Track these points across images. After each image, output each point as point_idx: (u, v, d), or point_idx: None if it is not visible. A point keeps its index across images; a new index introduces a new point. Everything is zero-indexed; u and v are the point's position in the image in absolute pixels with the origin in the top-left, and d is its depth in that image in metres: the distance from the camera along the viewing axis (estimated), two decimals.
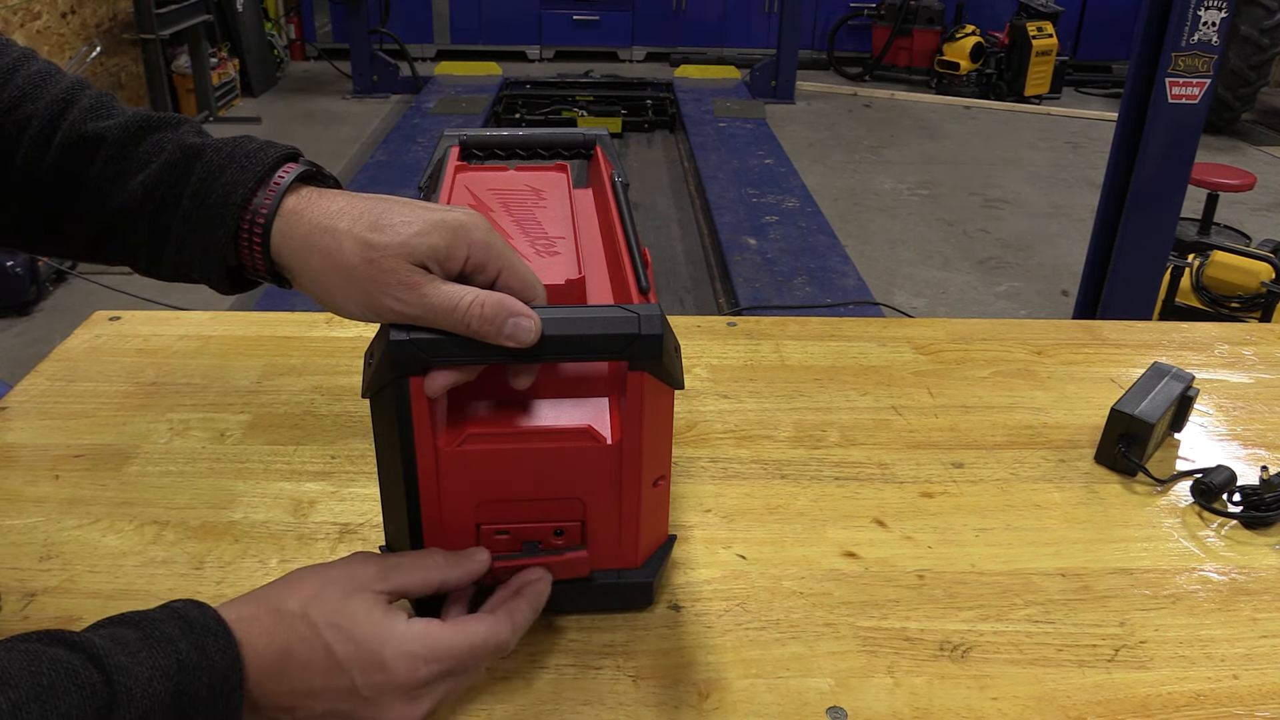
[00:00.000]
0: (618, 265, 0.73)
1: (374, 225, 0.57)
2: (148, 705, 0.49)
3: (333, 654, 0.56)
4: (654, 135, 6.07)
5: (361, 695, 0.57)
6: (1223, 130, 6.44)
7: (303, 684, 0.56)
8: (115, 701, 0.48)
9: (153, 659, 0.51)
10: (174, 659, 0.51)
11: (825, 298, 3.23)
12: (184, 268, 0.63)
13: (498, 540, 0.67)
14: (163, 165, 0.62)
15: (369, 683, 0.57)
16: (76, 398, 0.97)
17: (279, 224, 0.59)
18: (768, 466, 0.91)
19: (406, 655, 0.57)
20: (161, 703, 0.50)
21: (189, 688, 0.51)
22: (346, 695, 0.57)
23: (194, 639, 0.53)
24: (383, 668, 0.57)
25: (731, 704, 0.65)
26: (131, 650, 0.50)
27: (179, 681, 0.51)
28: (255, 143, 0.63)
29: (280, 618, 0.56)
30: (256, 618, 0.56)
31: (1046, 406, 1.02)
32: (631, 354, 0.60)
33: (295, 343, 1.08)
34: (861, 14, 7.91)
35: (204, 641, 0.53)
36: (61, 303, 3.72)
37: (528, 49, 8.08)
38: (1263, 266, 3.18)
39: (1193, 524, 0.86)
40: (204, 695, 0.51)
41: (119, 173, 0.62)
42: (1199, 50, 2.67)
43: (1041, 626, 0.73)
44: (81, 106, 0.65)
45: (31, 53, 0.68)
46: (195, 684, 0.51)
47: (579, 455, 0.64)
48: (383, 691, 0.57)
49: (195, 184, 0.61)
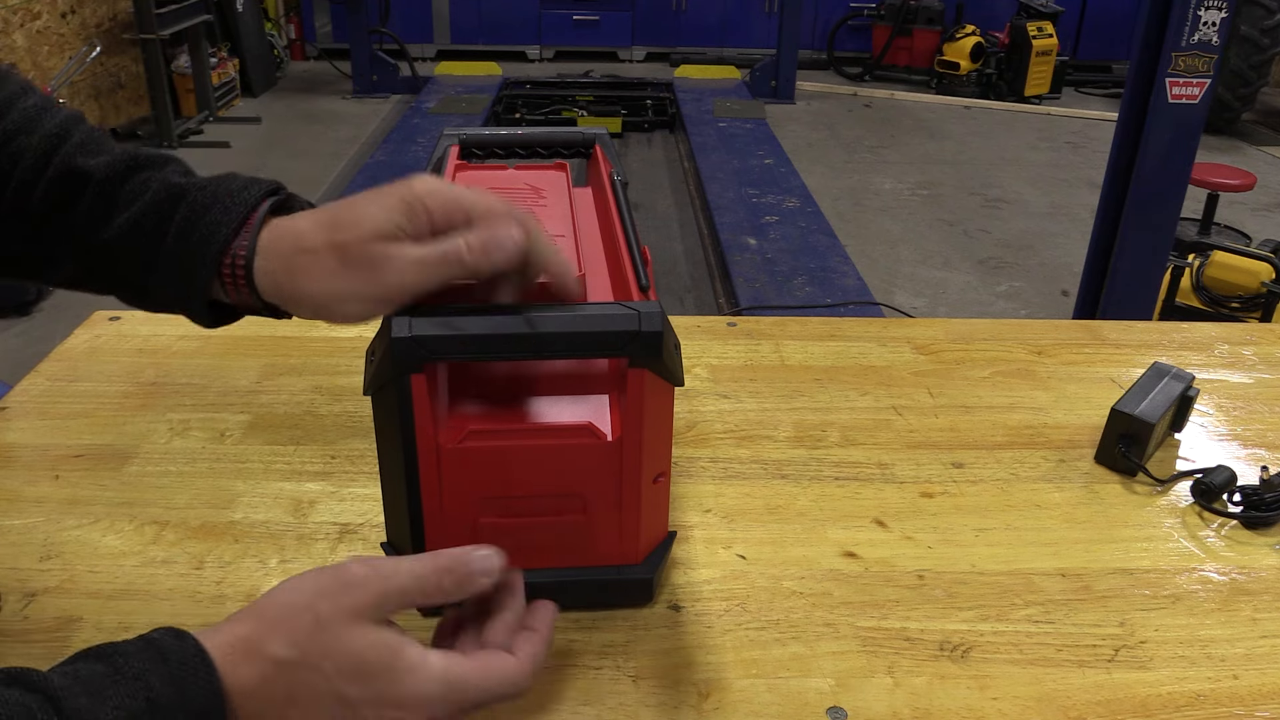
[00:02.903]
0: (617, 263, 0.73)
1: (335, 226, 0.58)
2: None
3: (345, 698, 0.52)
4: (654, 135, 6.08)
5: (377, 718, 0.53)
6: (1223, 130, 6.44)
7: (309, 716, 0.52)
8: None
9: (119, 698, 0.46)
10: (143, 698, 0.47)
11: (825, 298, 3.23)
12: (170, 305, 0.64)
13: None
14: (147, 204, 0.62)
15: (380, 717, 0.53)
16: (76, 398, 0.97)
17: (259, 263, 0.60)
18: (768, 466, 0.91)
19: (425, 696, 0.53)
20: None
21: None
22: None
23: (169, 673, 0.48)
24: (400, 707, 0.53)
25: (731, 704, 0.65)
26: (95, 689, 0.46)
27: None
28: (238, 181, 0.63)
29: (280, 668, 0.51)
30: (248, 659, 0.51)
31: (1046, 406, 1.02)
32: (632, 351, 0.61)
33: (295, 343, 1.08)
34: (861, 14, 7.91)
35: (180, 676, 0.48)
36: (61, 303, 3.72)
37: (528, 49, 8.08)
38: (1263, 266, 3.18)
39: (1193, 524, 0.86)
40: None
41: (106, 210, 0.63)
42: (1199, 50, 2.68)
43: (1041, 626, 0.73)
44: (73, 142, 0.65)
45: (29, 85, 0.68)
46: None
47: (579, 452, 0.65)
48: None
49: (179, 224, 0.61)
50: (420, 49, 7.82)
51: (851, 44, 8.01)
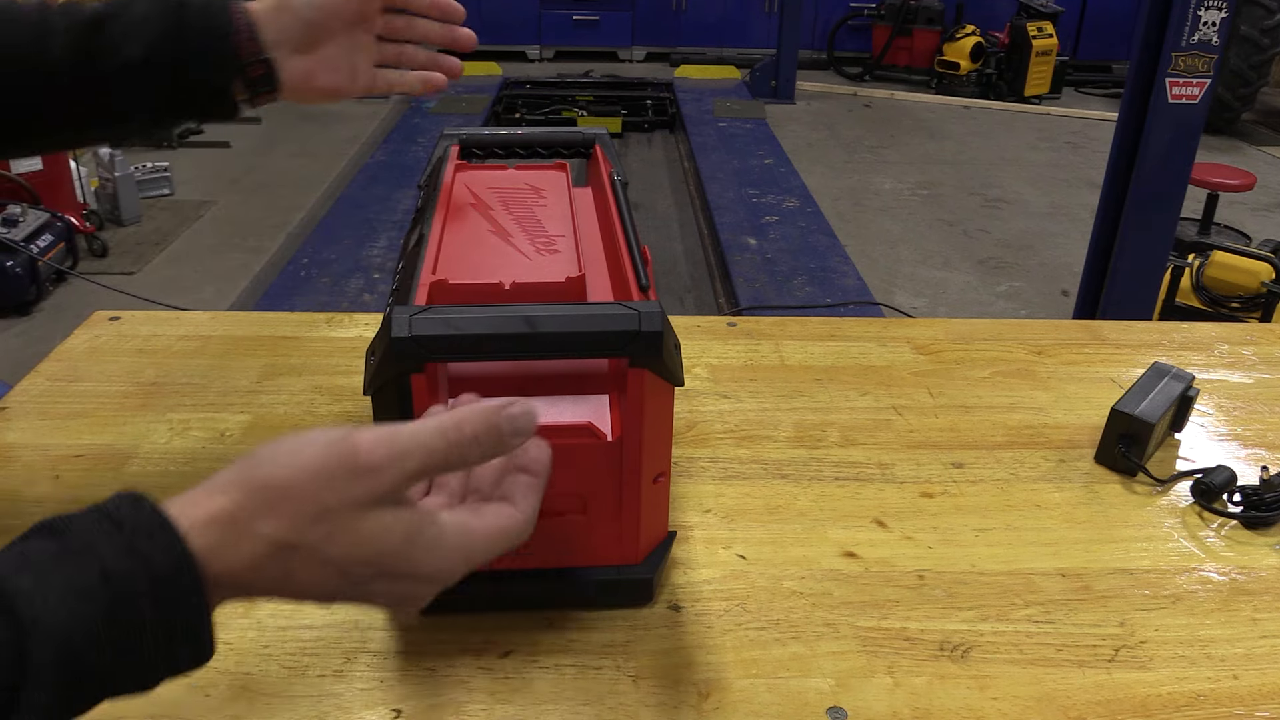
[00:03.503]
0: (617, 263, 0.73)
1: None
2: (64, 633, 0.41)
3: (352, 577, 0.48)
4: (654, 135, 6.07)
5: (379, 601, 0.51)
6: (1223, 130, 6.44)
7: (305, 595, 0.49)
8: (22, 633, 0.40)
9: (66, 577, 0.42)
10: (95, 570, 0.42)
11: (825, 298, 3.23)
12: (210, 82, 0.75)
13: None
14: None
15: (394, 590, 0.50)
16: (76, 398, 0.97)
17: None
18: (768, 466, 0.90)
19: (440, 568, 0.50)
20: (85, 628, 0.41)
21: (125, 597, 0.42)
22: (362, 599, 0.50)
23: (124, 542, 0.43)
24: (414, 579, 0.50)
25: (731, 704, 0.65)
26: (42, 568, 0.42)
27: (106, 596, 0.42)
28: None
29: (275, 548, 0.46)
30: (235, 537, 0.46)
31: (1046, 406, 1.02)
32: (632, 351, 0.61)
33: (295, 343, 1.08)
34: (861, 14, 7.91)
35: (136, 544, 0.43)
36: (61, 303, 3.72)
37: (528, 49, 8.08)
38: (1263, 266, 3.18)
39: (1193, 524, 0.86)
40: (145, 608, 0.43)
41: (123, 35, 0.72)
42: (1199, 50, 2.68)
43: (1041, 626, 0.73)
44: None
45: None
46: (131, 590, 0.43)
47: (580, 451, 0.65)
48: (410, 590, 0.51)
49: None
50: None
51: (851, 44, 8.01)
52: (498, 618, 0.71)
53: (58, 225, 3.81)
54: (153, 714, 0.63)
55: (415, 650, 0.69)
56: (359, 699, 0.65)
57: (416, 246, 0.73)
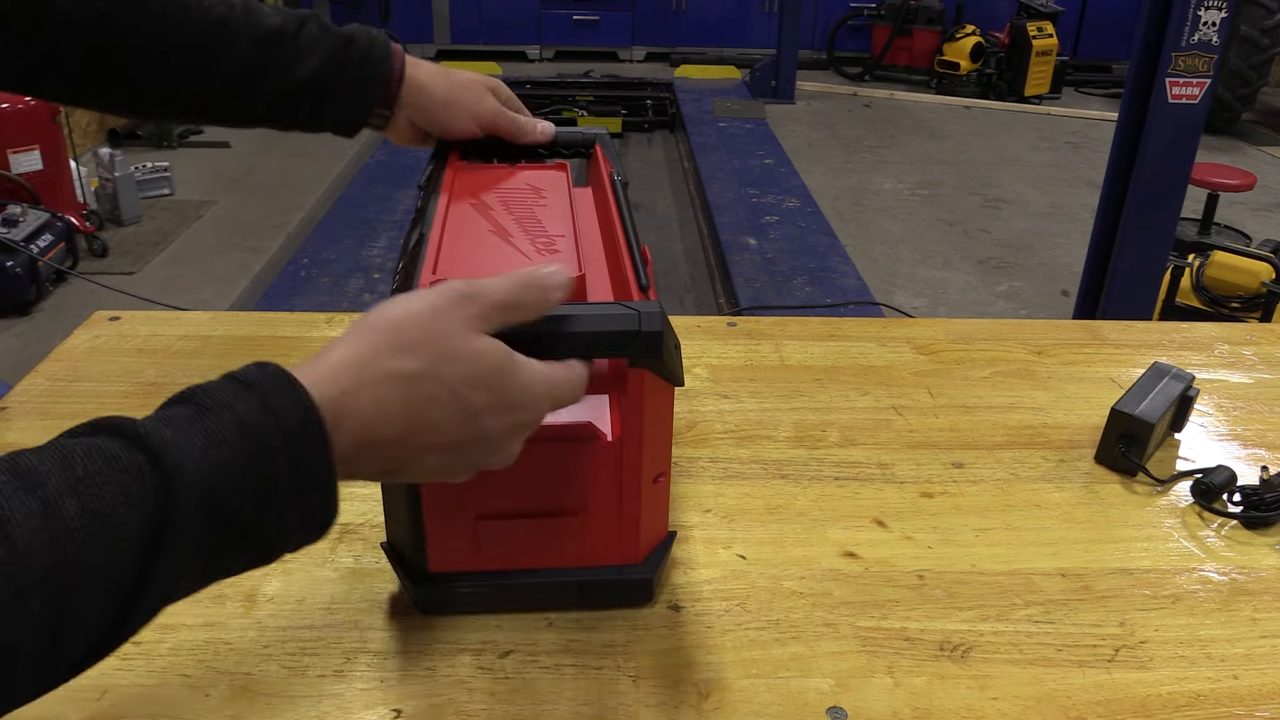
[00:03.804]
0: (618, 263, 0.73)
1: None
2: (207, 478, 0.44)
3: (470, 406, 0.53)
4: (654, 135, 6.08)
5: (488, 439, 0.55)
6: (1223, 130, 6.45)
7: (423, 440, 0.53)
8: (168, 480, 0.43)
9: (206, 430, 0.45)
10: (231, 422, 0.46)
11: (825, 298, 3.23)
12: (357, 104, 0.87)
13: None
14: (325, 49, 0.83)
15: (501, 425, 0.54)
16: (76, 398, 0.97)
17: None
18: (768, 466, 0.90)
19: (535, 395, 0.56)
20: (227, 472, 0.45)
21: (261, 450, 0.46)
22: (471, 441, 0.54)
23: (255, 397, 0.47)
24: (517, 408, 0.55)
25: (731, 704, 0.65)
26: (181, 425, 0.45)
27: (244, 447, 0.45)
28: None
29: (400, 383, 0.51)
30: (360, 381, 0.50)
31: (1046, 406, 1.02)
32: (632, 351, 0.61)
33: (295, 343, 1.08)
34: (861, 14, 7.91)
35: (265, 400, 0.47)
36: (61, 303, 3.72)
37: (528, 49, 8.08)
38: (1263, 266, 3.18)
39: (1193, 524, 0.86)
40: (280, 461, 0.46)
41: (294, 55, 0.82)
42: (1199, 50, 2.68)
43: (1041, 626, 0.73)
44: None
45: None
46: (266, 445, 0.46)
47: (580, 451, 0.65)
48: (509, 432, 0.55)
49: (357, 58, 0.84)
50: (420, 49, 7.82)
51: (851, 44, 8.01)
52: (498, 618, 0.71)
53: (58, 225, 3.81)
54: (153, 714, 0.63)
55: (415, 650, 0.69)
56: (359, 699, 0.65)
57: (416, 246, 0.73)
